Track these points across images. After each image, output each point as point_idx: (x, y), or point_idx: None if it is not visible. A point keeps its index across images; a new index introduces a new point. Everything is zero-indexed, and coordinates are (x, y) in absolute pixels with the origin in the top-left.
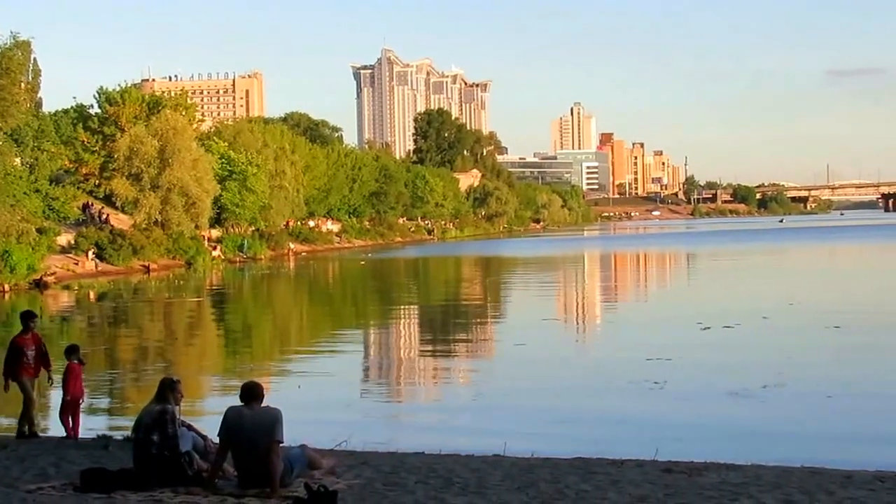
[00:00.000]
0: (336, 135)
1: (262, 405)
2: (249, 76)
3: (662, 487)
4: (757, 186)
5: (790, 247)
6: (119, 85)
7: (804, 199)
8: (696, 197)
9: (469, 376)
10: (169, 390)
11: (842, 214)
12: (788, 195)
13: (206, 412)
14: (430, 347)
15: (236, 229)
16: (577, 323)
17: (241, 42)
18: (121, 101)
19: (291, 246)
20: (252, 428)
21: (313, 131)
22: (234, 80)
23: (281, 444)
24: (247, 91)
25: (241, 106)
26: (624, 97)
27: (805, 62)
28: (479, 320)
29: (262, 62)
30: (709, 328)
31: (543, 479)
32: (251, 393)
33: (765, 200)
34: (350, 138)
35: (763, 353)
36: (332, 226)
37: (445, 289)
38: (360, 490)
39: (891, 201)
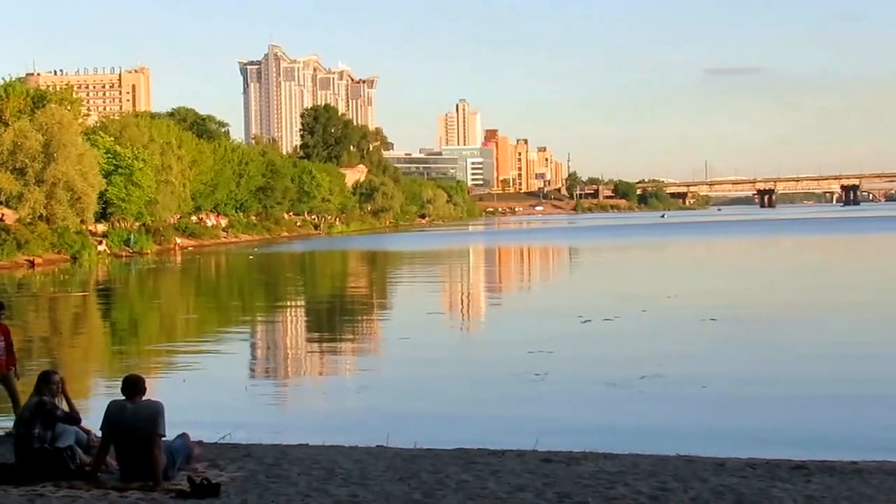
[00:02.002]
0: (223, 130)
1: (144, 398)
2: (136, 71)
3: (541, 477)
4: (637, 182)
5: (670, 241)
6: (3, 79)
7: (683, 195)
8: (578, 192)
9: (354, 369)
10: (43, 383)
11: (719, 210)
12: (668, 191)
13: (90, 407)
14: (315, 341)
15: (122, 224)
16: (462, 316)
17: (127, 37)
18: (4, 95)
19: (178, 240)
20: (134, 421)
21: (200, 126)
22: (120, 75)
23: (163, 438)
24: (133, 86)
25: (128, 101)
26: (509, 94)
27: (684, 60)
28: (364, 314)
29: (149, 57)
30: (589, 321)
31: (425, 469)
32: (133, 386)
33: (645, 196)
34: (237, 134)
35: (641, 345)
36: (218, 221)
37: (332, 283)
38: (243, 482)
39: (766, 197)
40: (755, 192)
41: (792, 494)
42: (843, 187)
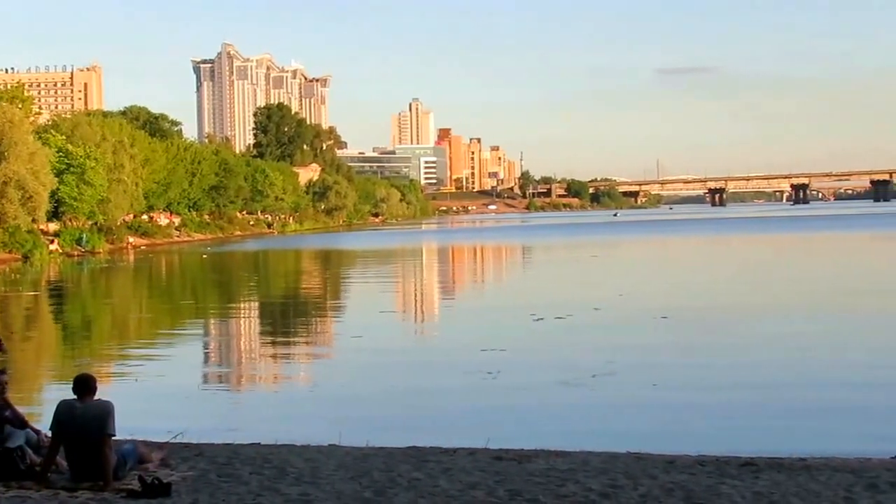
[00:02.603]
0: (176, 129)
1: (95, 398)
2: (88, 69)
3: (493, 475)
4: (590, 181)
5: (623, 240)
6: None
7: (635, 194)
8: (531, 191)
9: (306, 368)
10: None
11: (671, 209)
12: (620, 190)
13: (42, 406)
14: (268, 340)
15: (74, 223)
16: (415, 315)
17: (79, 35)
18: None
19: (131, 239)
20: (84, 421)
21: (153, 125)
22: (72, 73)
23: (114, 438)
24: (85, 84)
25: (80, 99)
26: (462, 93)
27: (637, 60)
28: (317, 313)
29: (102, 55)
30: (542, 319)
31: (377, 467)
32: (83, 386)
33: (598, 195)
34: (190, 132)
35: (593, 343)
36: (171, 219)
37: (285, 282)
38: (194, 481)
39: (717, 196)
40: (706, 191)
41: (741, 491)
42: (792, 186)
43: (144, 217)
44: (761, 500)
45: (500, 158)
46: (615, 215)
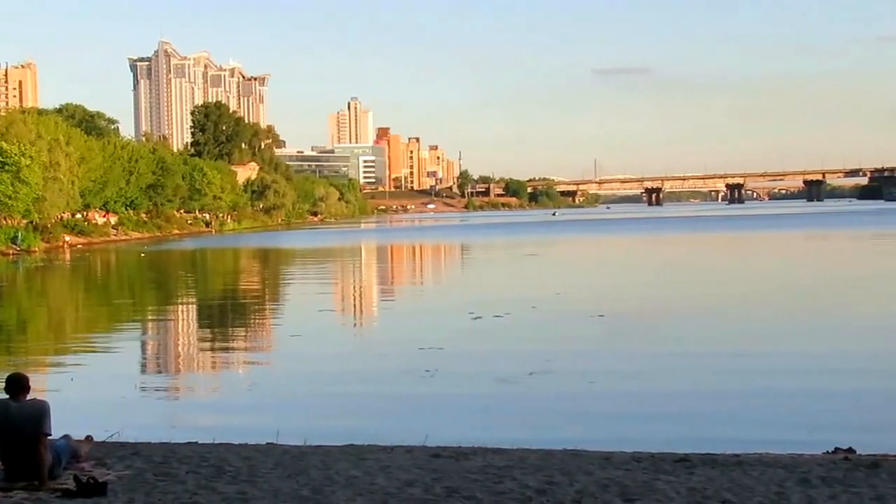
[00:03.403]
0: (112, 127)
1: (29, 397)
2: (23, 66)
3: (430, 472)
4: (528, 181)
5: (561, 239)
6: None
7: (573, 194)
8: (469, 190)
9: (244, 367)
10: None
11: (608, 208)
12: (558, 189)
13: None
14: (207, 339)
15: (9, 221)
16: (353, 314)
17: (14, 32)
18: None
19: (67, 238)
20: (18, 420)
21: (89, 123)
22: (6, 71)
23: (49, 437)
24: (20, 81)
25: (14, 97)
26: (401, 93)
27: (574, 61)
28: (256, 312)
29: (37, 53)
30: (480, 317)
31: (314, 465)
32: (16, 385)
33: (536, 194)
34: (127, 131)
35: (531, 341)
36: (108, 218)
37: (224, 281)
38: (130, 481)
39: (653, 196)
40: (643, 191)
41: (675, 486)
42: (728, 186)
43: (80, 216)
44: (695, 495)
45: (438, 158)
46: (554, 214)
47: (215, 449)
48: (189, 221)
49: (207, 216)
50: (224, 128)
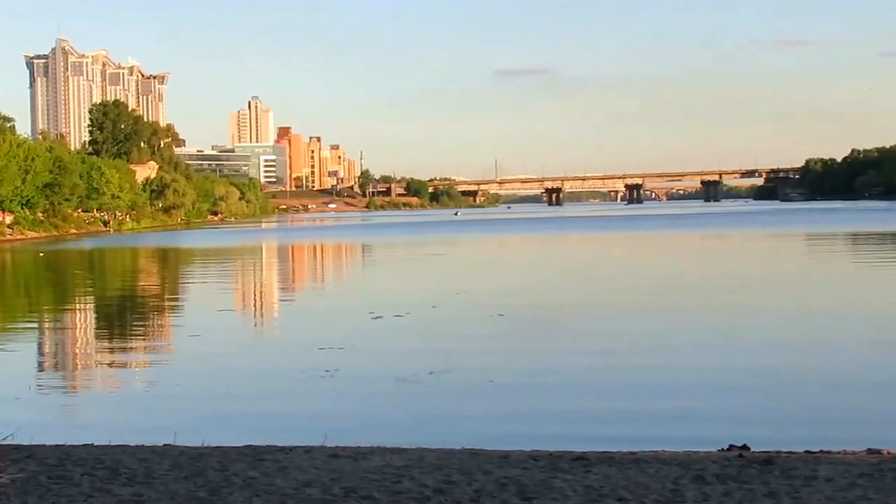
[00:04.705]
0: (8, 125)
1: None
2: None
3: (328, 472)
4: (429, 181)
5: (462, 238)
6: None
7: (474, 193)
8: (371, 190)
9: (142, 367)
10: None
11: (508, 208)
12: (459, 189)
13: None
14: (104, 339)
15: None
16: (253, 313)
17: None
18: None
19: None
20: None
21: None
22: None
23: None
24: None
25: None
26: (302, 92)
27: (476, 61)
28: (154, 312)
29: None
30: (380, 317)
31: (212, 467)
32: None
33: (437, 194)
34: (23, 129)
35: (431, 341)
36: (3, 217)
37: (122, 281)
38: (24, 484)
39: (554, 196)
40: (543, 191)
41: (572, 484)
42: (627, 186)
43: None
44: (592, 493)
45: (340, 157)
46: (456, 214)
47: (111, 451)
48: (87, 221)
49: (106, 215)
50: (123, 126)
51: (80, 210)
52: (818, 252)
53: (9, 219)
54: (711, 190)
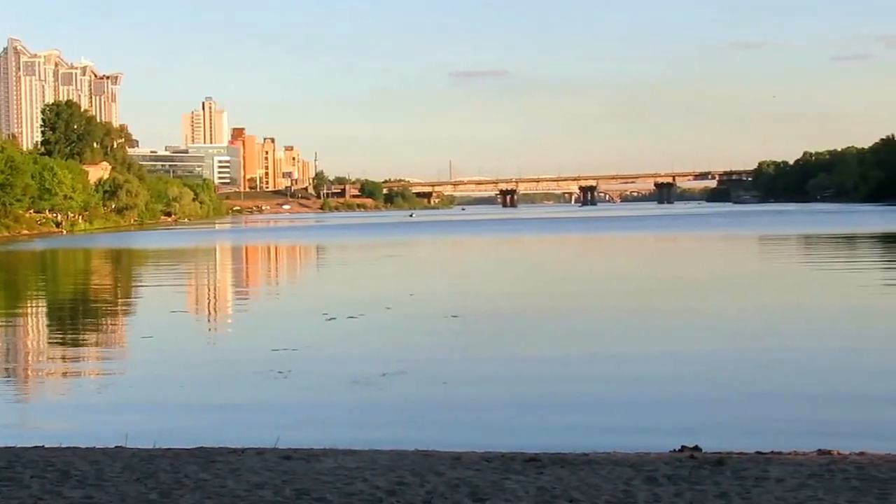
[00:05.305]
0: None
1: None
2: None
3: (280, 474)
4: (384, 182)
5: (417, 240)
6: None
7: (428, 195)
8: (325, 191)
9: (94, 369)
10: None
11: (463, 209)
12: (414, 191)
13: None
14: (56, 341)
15: None
16: (207, 315)
17: None
18: None
19: None
20: None
21: None
22: None
23: None
24: None
25: None
26: (256, 93)
27: (431, 62)
28: (107, 313)
29: None
30: (334, 319)
31: (163, 469)
32: None
33: (391, 195)
34: None
35: (384, 343)
36: None
37: (74, 282)
38: None
39: (508, 197)
40: (498, 193)
41: (524, 486)
42: (581, 188)
43: None
44: (544, 494)
45: (294, 158)
46: (411, 216)
47: (62, 453)
48: (39, 221)
49: (58, 216)
50: (76, 127)
51: (32, 211)
52: (769, 254)
53: None
54: (665, 192)
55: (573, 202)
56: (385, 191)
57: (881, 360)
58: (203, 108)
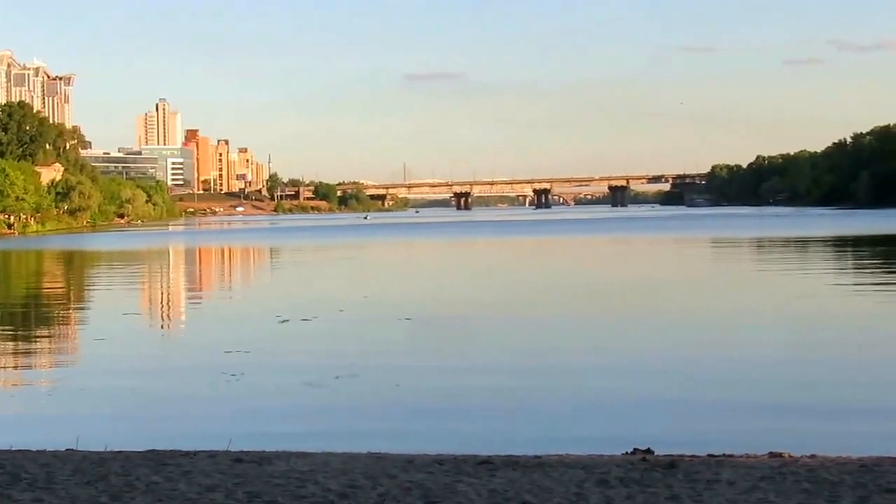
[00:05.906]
0: None
1: None
2: None
3: (232, 477)
4: (338, 184)
5: (371, 242)
6: None
7: (383, 197)
8: (279, 194)
9: (45, 371)
10: None
11: (417, 212)
12: (368, 193)
13: None
14: (6, 342)
15: None
16: (160, 317)
17: None
18: None
19: None
20: None
21: None
22: None
23: None
24: None
25: None
26: (209, 94)
27: (385, 65)
28: (59, 315)
29: None
30: (287, 321)
31: (114, 472)
32: None
33: (345, 198)
34: None
35: (338, 345)
36: None
37: (25, 284)
38: None
39: (462, 200)
40: (452, 195)
41: (476, 488)
42: (535, 191)
43: None
44: (496, 497)
45: (248, 160)
46: (366, 218)
47: (12, 456)
48: None
49: (10, 218)
50: (28, 128)
51: None
52: (721, 257)
53: None
54: (619, 195)
55: (527, 205)
56: (339, 193)
57: (833, 362)
58: (157, 110)
